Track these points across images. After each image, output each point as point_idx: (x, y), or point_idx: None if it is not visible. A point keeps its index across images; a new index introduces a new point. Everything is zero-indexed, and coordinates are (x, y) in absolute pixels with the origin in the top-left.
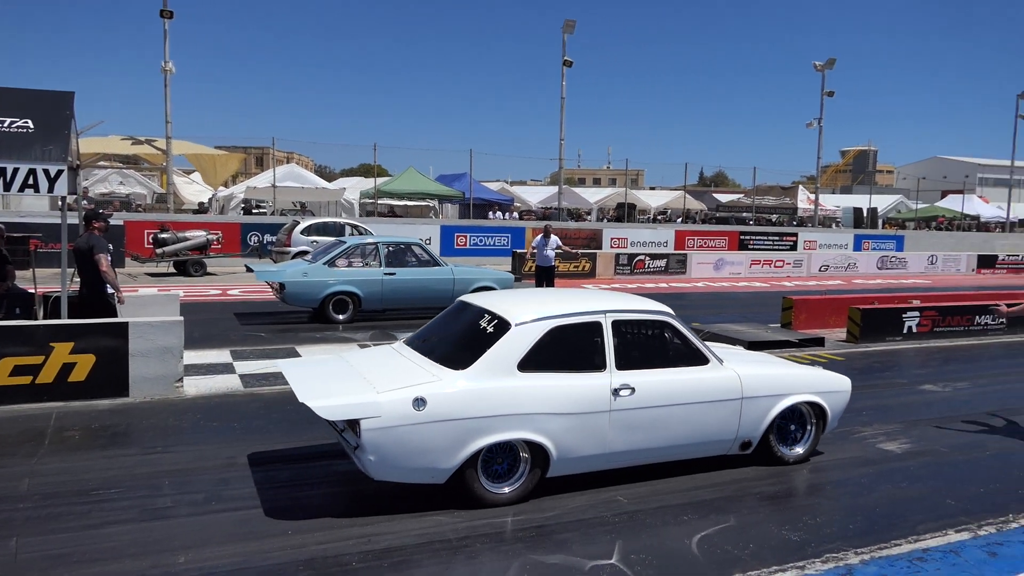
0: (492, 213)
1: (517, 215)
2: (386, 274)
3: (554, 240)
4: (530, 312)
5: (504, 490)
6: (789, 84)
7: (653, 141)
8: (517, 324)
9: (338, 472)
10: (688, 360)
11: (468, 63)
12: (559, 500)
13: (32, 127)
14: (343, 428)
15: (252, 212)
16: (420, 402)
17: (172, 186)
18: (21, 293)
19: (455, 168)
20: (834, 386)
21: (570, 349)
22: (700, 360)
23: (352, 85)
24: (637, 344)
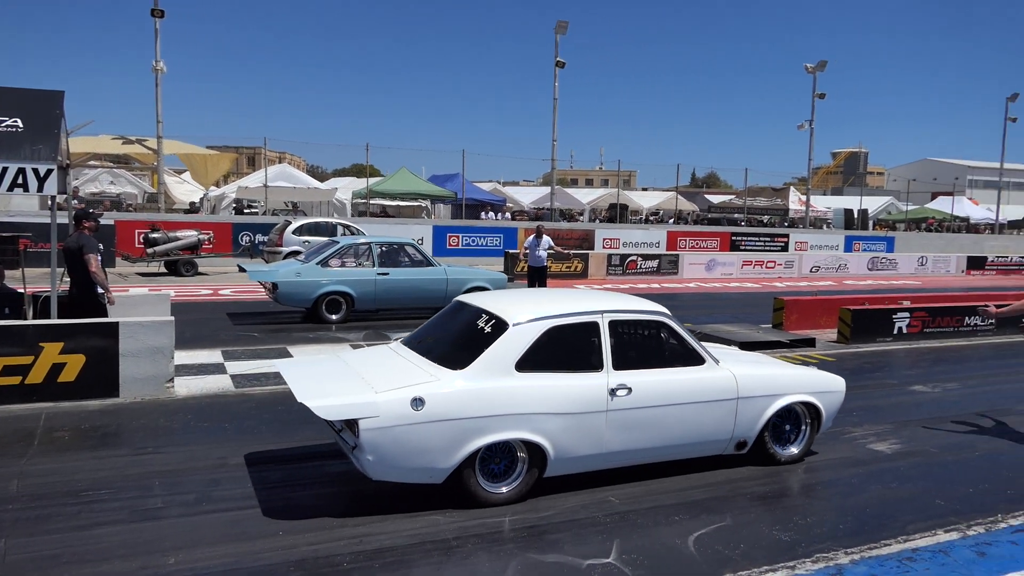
0: (484, 213)
1: (509, 215)
2: (379, 274)
3: (546, 240)
4: (527, 312)
5: (502, 490)
6: (781, 86)
7: (645, 142)
8: (515, 324)
9: (330, 473)
10: (684, 360)
11: (461, 63)
12: (555, 500)
13: (22, 126)
14: (341, 428)
15: (244, 212)
16: (418, 402)
17: (163, 186)
18: (10, 293)
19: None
20: (829, 386)
21: (567, 349)
22: (696, 360)
23: (345, 85)
24: (634, 344)
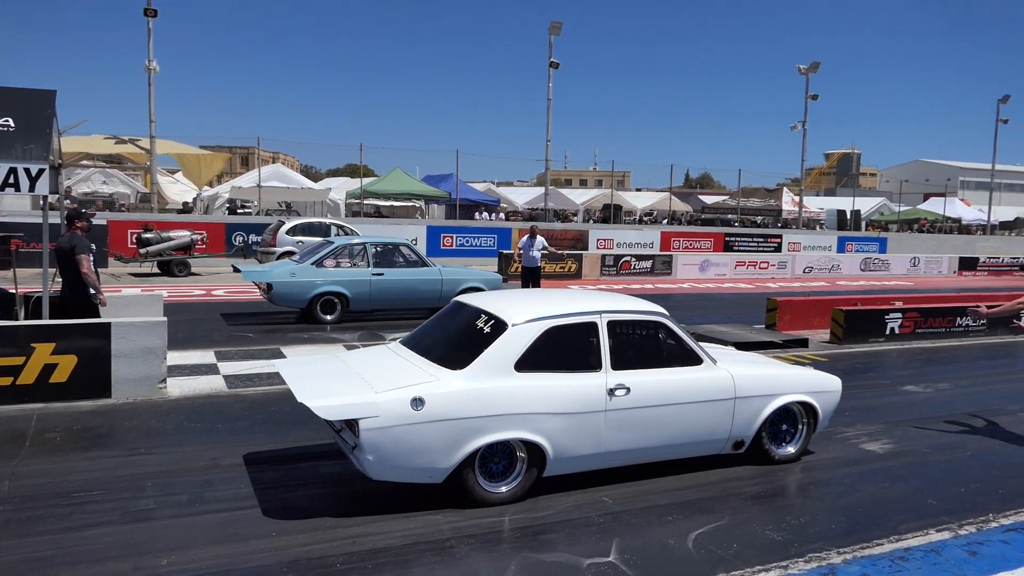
0: (478, 214)
1: (503, 216)
2: (374, 275)
3: (540, 241)
4: (526, 312)
5: (501, 489)
6: (774, 87)
7: (639, 143)
8: (514, 324)
9: (323, 473)
10: (682, 360)
11: (456, 64)
12: (552, 500)
13: (13, 126)
14: (341, 428)
15: (237, 212)
16: (418, 402)
17: (156, 186)
18: (2, 293)
19: (441, 169)
20: (825, 386)
21: (566, 349)
22: (694, 360)
23: (339, 85)
24: (632, 344)
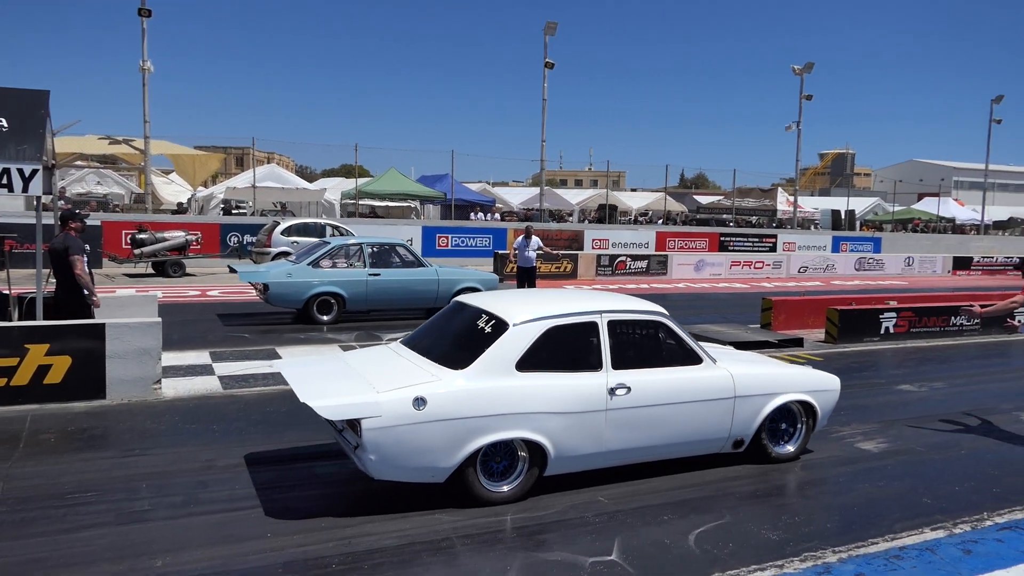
0: (474, 214)
1: (499, 216)
2: (371, 275)
3: (535, 241)
4: (527, 312)
5: (503, 488)
6: (769, 87)
7: (634, 143)
8: (515, 324)
9: (319, 474)
10: (682, 359)
11: (451, 64)
12: (552, 500)
13: (6, 126)
14: (343, 428)
15: (232, 212)
16: (420, 402)
17: (150, 186)
18: None
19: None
20: (824, 385)
21: (567, 349)
22: (694, 360)
23: (334, 85)
24: (632, 344)
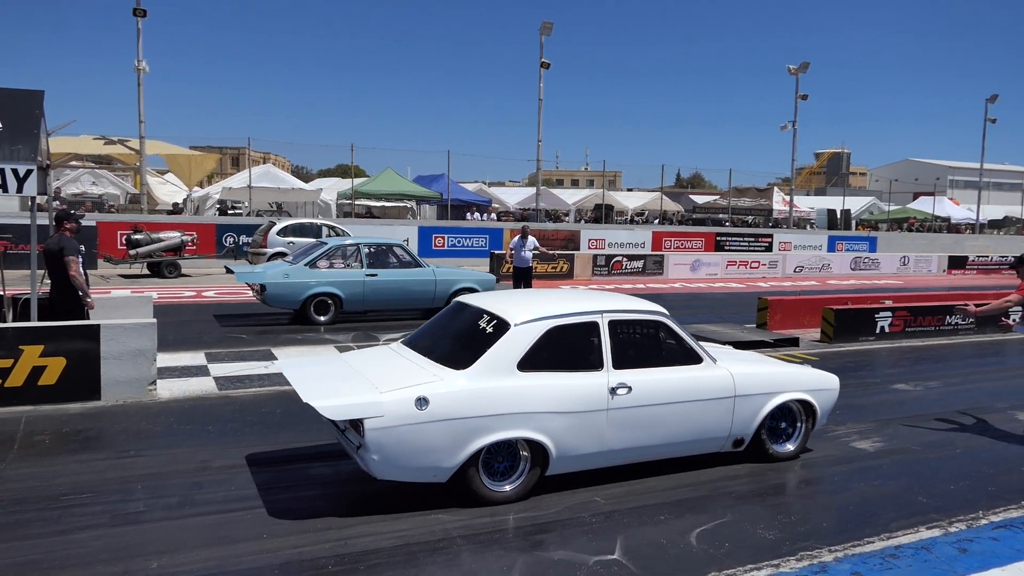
0: (470, 214)
1: (495, 216)
2: (368, 275)
3: (531, 241)
4: (529, 312)
5: (505, 488)
6: (764, 87)
7: (630, 143)
8: (516, 324)
9: (314, 475)
10: (682, 359)
11: (446, 64)
12: (552, 499)
13: (0, 126)
14: (345, 428)
15: (227, 213)
16: (423, 402)
17: (146, 186)
18: None
19: (433, 169)
20: (823, 384)
21: (568, 349)
22: (694, 359)
23: (330, 85)
24: (633, 343)
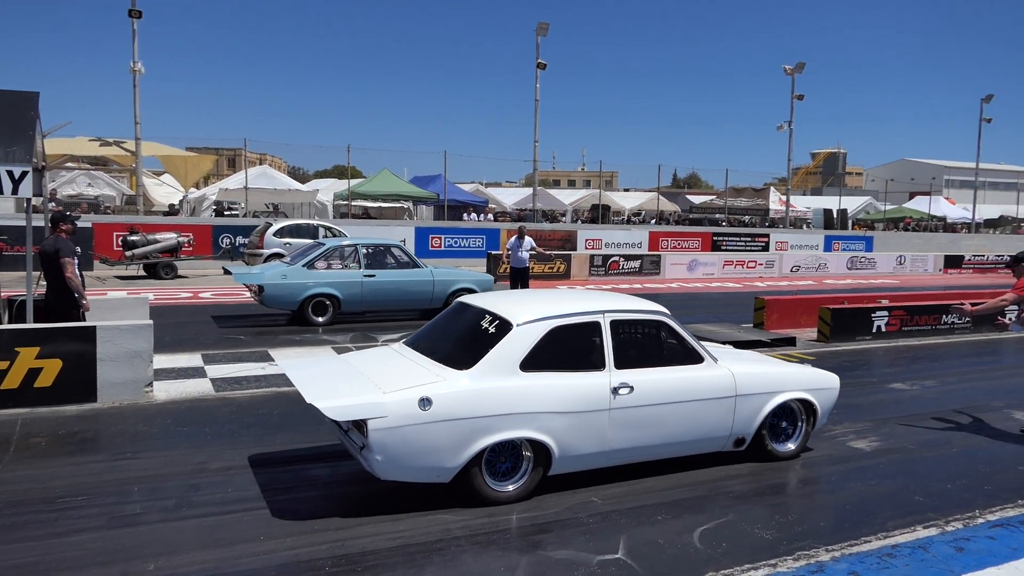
0: (467, 215)
1: (492, 217)
2: (366, 276)
3: (528, 241)
4: (531, 312)
5: (508, 488)
6: (760, 87)
7: (627, 143)
8: (519, 324)
9: (311, 476)
10: (684, 359)
11: (443, 64)
12: (554, 499)
13: None
14: (348, 429)
15: (224, 214)
16: (426, 402)
17: (142, 188)
18: None
19: (429, 170)
20: (824, 383)
21: (570, 349)
22: (695, 359)
23: (326, 86)
24: (635, 343)
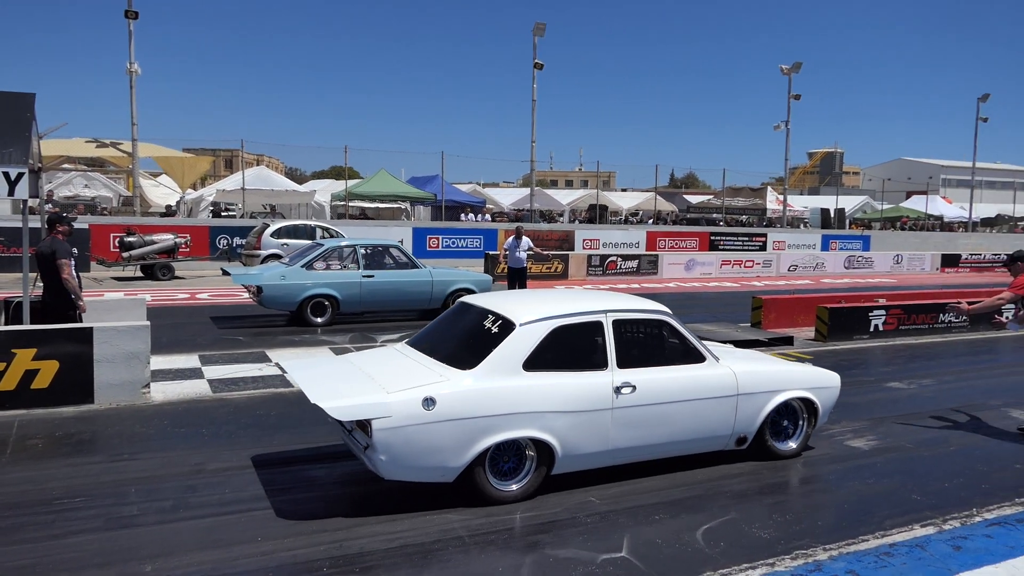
0: (464, 215)
1: (489, 217)
2: (364, 276)
3: (526, 242)
4: (533, 312)
5: (512, 487)
6: (758, 87)
7: (624, 143)
8: (521, 324)
9: (309, 477)
10: (686, 358)
11: (440, 65)
12: (555, 499)
13: None
14: (352, 428)
15: (221, 215)
16: (430, 402)
17: (139, 189)
18: None
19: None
20: (825, 382)
21: (573, 348)
22: (697, 358)
23: (323, 87)
24: (637, 343)
